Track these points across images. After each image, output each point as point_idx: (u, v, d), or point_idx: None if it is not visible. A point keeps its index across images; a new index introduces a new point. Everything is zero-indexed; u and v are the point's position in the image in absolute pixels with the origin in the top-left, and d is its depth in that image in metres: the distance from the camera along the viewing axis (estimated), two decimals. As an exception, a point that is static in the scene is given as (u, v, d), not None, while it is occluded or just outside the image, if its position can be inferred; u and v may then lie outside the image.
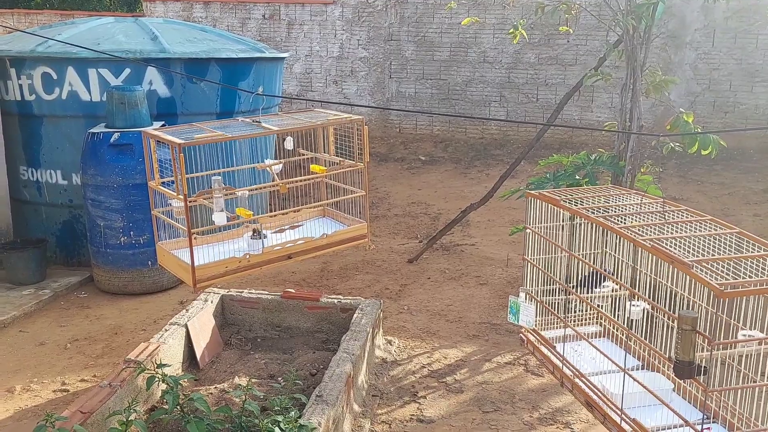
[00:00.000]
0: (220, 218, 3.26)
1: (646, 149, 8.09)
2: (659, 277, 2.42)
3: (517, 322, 3.10)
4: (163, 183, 3.43)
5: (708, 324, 2.15)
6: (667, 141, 5.64)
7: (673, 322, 2.38)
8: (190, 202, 3.09)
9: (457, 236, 7.75)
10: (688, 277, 2.24)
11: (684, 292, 2.35)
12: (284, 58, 8.09)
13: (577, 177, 5.57)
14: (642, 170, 5.62)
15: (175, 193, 3.15)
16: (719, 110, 11.01)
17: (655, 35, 5.59)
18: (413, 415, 4.35)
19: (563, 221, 2.84)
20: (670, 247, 2.21)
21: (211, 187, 3.37)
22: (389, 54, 12.57)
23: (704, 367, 2.02)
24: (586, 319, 3.11)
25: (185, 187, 2.96)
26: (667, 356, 2.23)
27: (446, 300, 6.10)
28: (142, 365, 3.83)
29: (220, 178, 3.35)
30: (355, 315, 4.90)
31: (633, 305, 2.37)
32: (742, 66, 10.78)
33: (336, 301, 5.20)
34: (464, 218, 7.13)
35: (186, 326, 4.70)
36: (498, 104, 12.09)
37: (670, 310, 2.16)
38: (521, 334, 3.23)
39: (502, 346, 5.22)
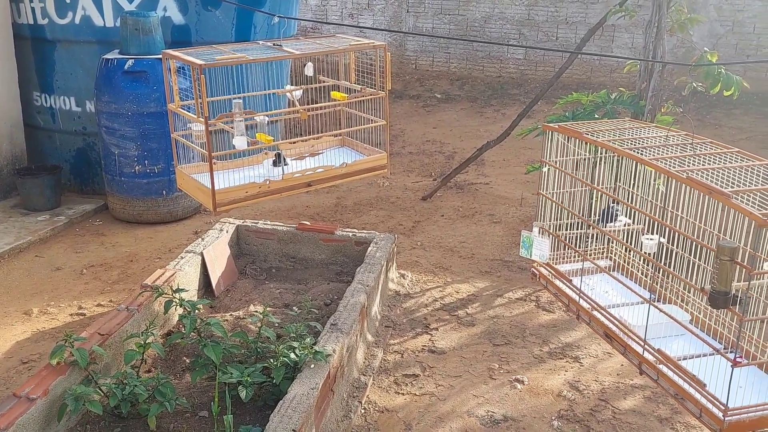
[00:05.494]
0: (240, 142, 3.21)
1: (666, 91, 7.93)
2: (670, 208, 2.38)
3: (530, 256, 3.10)
4: (182, 107, 3.38)
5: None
6: (689, 81, 5.54)
7: (694, 257, 2.37)
8: (210, 125, 3.04)
9: (472, 175, 7.70)
10: (706, 209, 2.21)
11: (703, 224, 2.32)
12: (301, -13, 7.91)
13: (597, 116, 5.50)
14: (662, 110, 5.54)
15: (195, 116, 3.10)
16: (741, 53, 10.76)
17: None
18: (425, 345, 4.40)
19: (584, 155, 2.80)
20: (701, 178, 2.17)
21: (229, 111, 3.32)
22: (407, -13, 12.28)
23: (739, 297, 2.02)
24: (596, 254, 3.09)
25: (206, 109, 2.92)
26: (699, 287, 2.21)
27: (459, 237, 6.10)
28: (159, 290, 3.87)
29: (240, 101, 3.29)
30: (369, 248, 4.91)
31: (647, 239, 2.35)
32: (768, 8, 10.49)
33: (351, 234, 5.21)
34: (479, 157, 7.07)
35: (202, 254, 4.72)
36: (516, 42, 11.85)
37: (686, 243, 2.14)
38: (532, 269, 3.23)
39: (514, 283, 5.23)
